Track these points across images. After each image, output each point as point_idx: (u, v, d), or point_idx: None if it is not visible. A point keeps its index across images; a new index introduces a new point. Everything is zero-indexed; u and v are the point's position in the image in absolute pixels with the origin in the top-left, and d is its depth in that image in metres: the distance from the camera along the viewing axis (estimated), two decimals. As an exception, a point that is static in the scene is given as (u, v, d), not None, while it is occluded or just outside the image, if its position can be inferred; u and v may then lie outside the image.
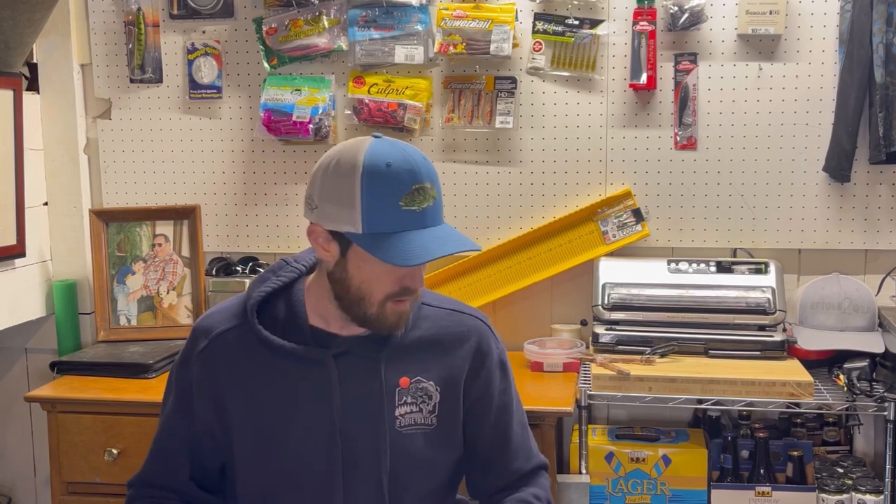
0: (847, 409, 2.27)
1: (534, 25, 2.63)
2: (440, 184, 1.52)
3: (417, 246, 1.44)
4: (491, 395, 1.68)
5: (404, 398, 1.59)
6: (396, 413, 1.59)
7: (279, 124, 2.71)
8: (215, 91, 2.82)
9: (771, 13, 2.52)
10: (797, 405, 2.25)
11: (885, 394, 2.24)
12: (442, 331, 1.64)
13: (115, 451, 2.40)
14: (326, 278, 1.54)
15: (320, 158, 1.54)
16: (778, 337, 2.40)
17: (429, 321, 1.64)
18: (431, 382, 1.61)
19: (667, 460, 2.38)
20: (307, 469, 1.58)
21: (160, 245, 2.84)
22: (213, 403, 1.60)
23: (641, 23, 2.57)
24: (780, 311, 2.43)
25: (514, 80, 2.67)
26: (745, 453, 2.44)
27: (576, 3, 2.61)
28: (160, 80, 2.85)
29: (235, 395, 1.58)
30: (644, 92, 2.62)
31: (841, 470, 2.44)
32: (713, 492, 2.37)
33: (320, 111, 2.71)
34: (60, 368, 2.61)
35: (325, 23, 2.70)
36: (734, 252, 2.65)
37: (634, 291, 2.49)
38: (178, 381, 1.64)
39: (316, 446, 1.57)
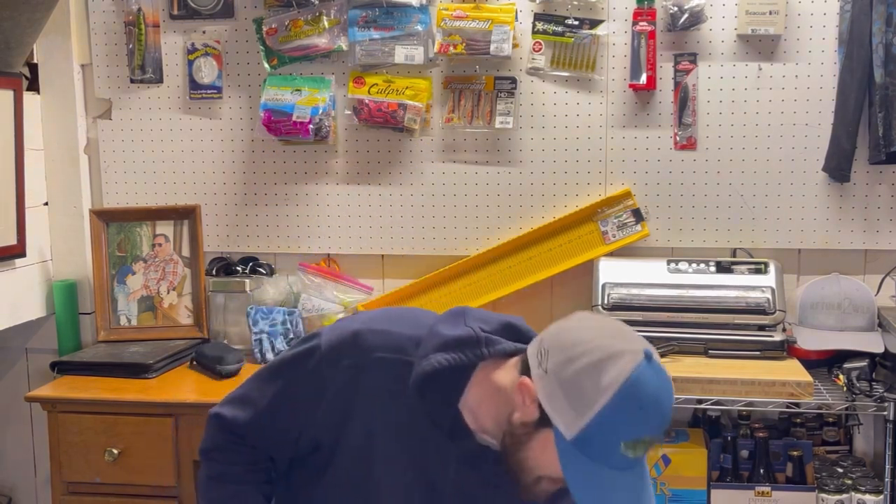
0: (847, 409, 2.27)
1: (534, 25, 2.63)
2: None
3: (606, 492, 1.32)
4: None
5: None
6: None
7: (279, 124, 2.71)
8: (215, 91, 2.82)
9: (771, 13, 2.52)
10: (797, 405, 2.25)
11: (885, 394, 2.24)
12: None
13: (115, 451, 2.40)
14: (509, 437, 1.41)
15: (584, 332, 1.36)
16: (778, 337, 2.40)
17: None
18: None
19: (666, 460, 2.38)
20: None
21: (160, 245, 2.84)
22: (335, 418, 1.50)
23: (641, 23, 2.58)
24: (779, 311, 2.43)
25: (514, 81, 2.67)
26: (744, 453, 2.45)
27: (576, 3, 2.61)
28: (160, 81, 2.85)
29: (358, 426, 1.50)
30: (644, 92, 2.62)
31: (841, 470, 2.44)
32: (713, 492, 2.37)
33: (320, 111, 2.71)
34: (61, 368, 2.62)
35: (326, 23, 2.70)
36: (734, 252, 2.65)
37: (634, 291, 2.49)
38: (318, 372, 1.50)
39: None
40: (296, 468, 1.61)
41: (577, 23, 2.61)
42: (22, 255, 2.67)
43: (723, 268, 2.52)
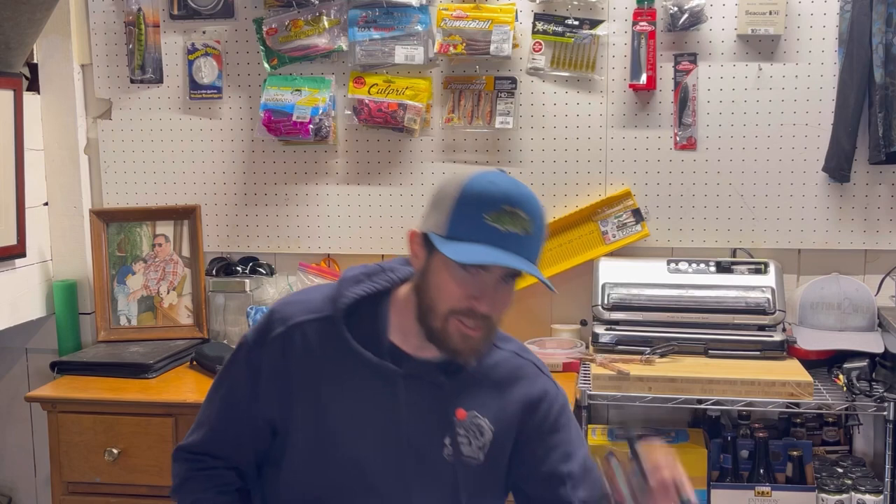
0: (847, 409, 2.27)
1: (534, 26, 2.64)
2: (544, 235, 1.50)
3: (480, 252, 1.42)
4: (537, 448, 1.63)
5: (458, 430, 1.57)
6: (445, 441, 1.56)
7: (279, 124, 2.71)
8: (215, 91, 2.83)
9: (771, 13, 2.52)
10: (797, 405, 2.25)
11: (885, 394, 2.24)
12: (503, 372, 1.60)
13: (115, 451, 2.40)
14: (414, 294, 1.52)
15: None
16: (778, 337, 2.40)
17: (492, 359, 1.60)
18: (486, 420, 1.58)
19: (667, 460, 2.38)
20: (362, 482, 1.55)
21: (160, 245, 2.84)
22: (279, 392, 1.56)
23: (641, 23, 2.58)
24: (779, 311, 2.43)
25: (514, 81, 2.67)
26: (744, 453, 2.45)
27: (576, 3, 2.61)
28: (160, 81, 2.86)
29: (303, 390, 1.55)
30: (644, 92, 2.62)
31: (840, 470, 2.44)
32: (713, 492, 2.37)
33: (320, 111, 2.71)
34: (61, 368, 2.61)
35: (326, 23, 2.70)
36: (734, 252, 2.65)
37: (634, 291, 2.49)
38: (250, 358, 1.59)
39: (378, 462, 1.54)
40: (263, 466, 1.64)
41: (577, 23, 2.61)
42: (22, 255, 2.67)
43: (723, 268, 2.52)
